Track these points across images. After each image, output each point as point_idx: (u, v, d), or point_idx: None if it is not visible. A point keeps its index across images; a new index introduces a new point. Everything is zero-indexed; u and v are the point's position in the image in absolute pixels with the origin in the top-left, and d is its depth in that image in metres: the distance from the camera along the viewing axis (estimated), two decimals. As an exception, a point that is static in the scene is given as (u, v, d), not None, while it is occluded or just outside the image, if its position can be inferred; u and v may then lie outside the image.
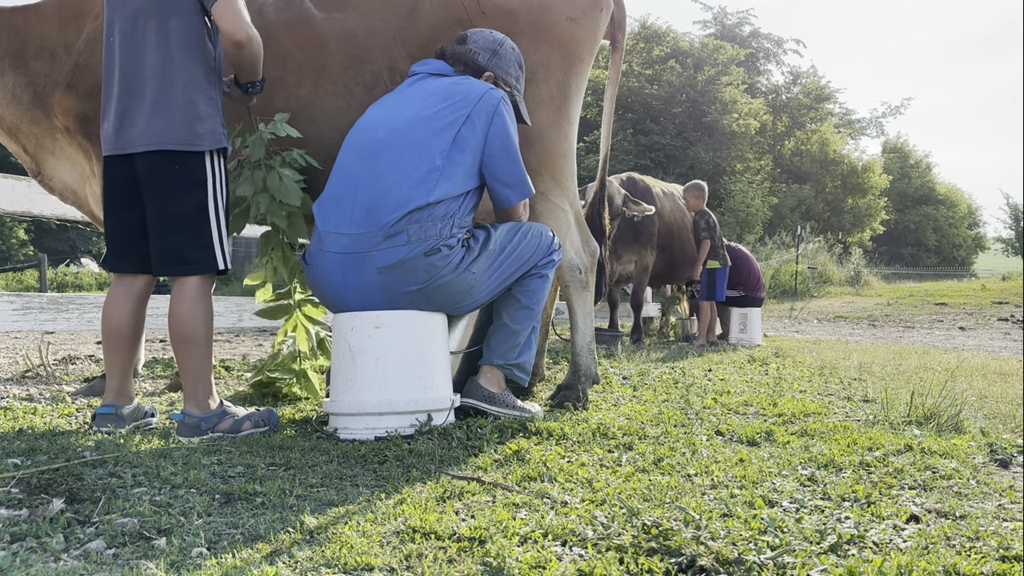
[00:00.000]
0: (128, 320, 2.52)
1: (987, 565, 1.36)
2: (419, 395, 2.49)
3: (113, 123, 2.42)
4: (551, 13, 3.08)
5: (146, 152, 2.38)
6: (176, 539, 1.44)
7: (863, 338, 9.07)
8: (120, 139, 2.41)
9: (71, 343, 6.84)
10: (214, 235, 2.46)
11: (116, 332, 2.52)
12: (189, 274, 2.45)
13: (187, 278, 2.45)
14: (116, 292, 2.53)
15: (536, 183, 2.96)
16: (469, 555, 1.39)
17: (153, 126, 2.37)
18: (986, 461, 2.19)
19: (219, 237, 2.48)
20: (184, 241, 2.43)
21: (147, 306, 2.62)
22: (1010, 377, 4.38)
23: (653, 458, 2.15)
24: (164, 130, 2.37)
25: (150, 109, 2.37)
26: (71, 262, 24.24)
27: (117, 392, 2.55)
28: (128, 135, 2.40)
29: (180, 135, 2.38)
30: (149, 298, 2.62)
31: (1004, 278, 22.44)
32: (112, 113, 2.43)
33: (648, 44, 25.90)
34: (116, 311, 2.52)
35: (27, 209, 4.01)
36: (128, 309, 2.52)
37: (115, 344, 2.52)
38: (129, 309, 2.52)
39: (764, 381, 4.12)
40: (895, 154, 35.08)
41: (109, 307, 2.52)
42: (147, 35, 2.39)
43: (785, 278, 18.99)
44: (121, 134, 2.41)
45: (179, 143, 2.38)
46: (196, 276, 2.45)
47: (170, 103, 2.37)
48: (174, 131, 2.37)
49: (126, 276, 2.53)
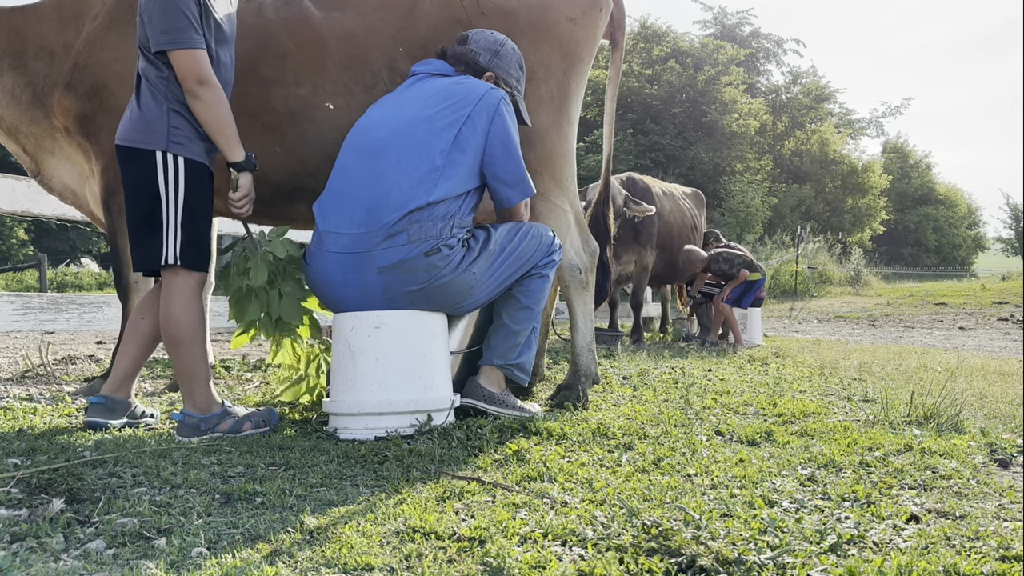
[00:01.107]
0: (155, 322, 2.54)
1: (987, 565, 1.36)
2: (419, 395, 2.49)
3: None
4: (551, 13, 3.08)
5: None
6: (176, 539, 1.44)
7: (863, 338, 9.07)
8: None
9: (71, 343, 6.84)
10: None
11: (150, 333, 2.57)
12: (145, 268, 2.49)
13: (171, 278, 2.44)
14: (183, 293, 2.47)
15: (536, 183, 2.96)
16: (469, 555, 1.39)
17: None
18: (986, 461, 2.19)
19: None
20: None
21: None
22: (1010, 377, 4.38)
23: (653, 458, 2.15)
24: None
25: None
26: (71, 262, 24.23)
27: (117, 386, 2.57)
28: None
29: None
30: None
31: (1004, 278, 22.46)
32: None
33: (648, 44, 25.90)
34: (154, 311, 2.54)
35: (27, 209, 4.01)
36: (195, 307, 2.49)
37: (138, 342, 2.57)
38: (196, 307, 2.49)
39: (764, 381, 4.12)
40: (895, 154, 35.11)
41: (164, 307, 2.47)
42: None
43: (785, 278, 19.00)
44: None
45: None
46: (180, 276, 2.44)
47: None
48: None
49: (195, 274, 2.49)
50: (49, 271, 17.65)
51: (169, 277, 2.45)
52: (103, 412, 2.53)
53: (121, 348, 2.60)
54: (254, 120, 2.91)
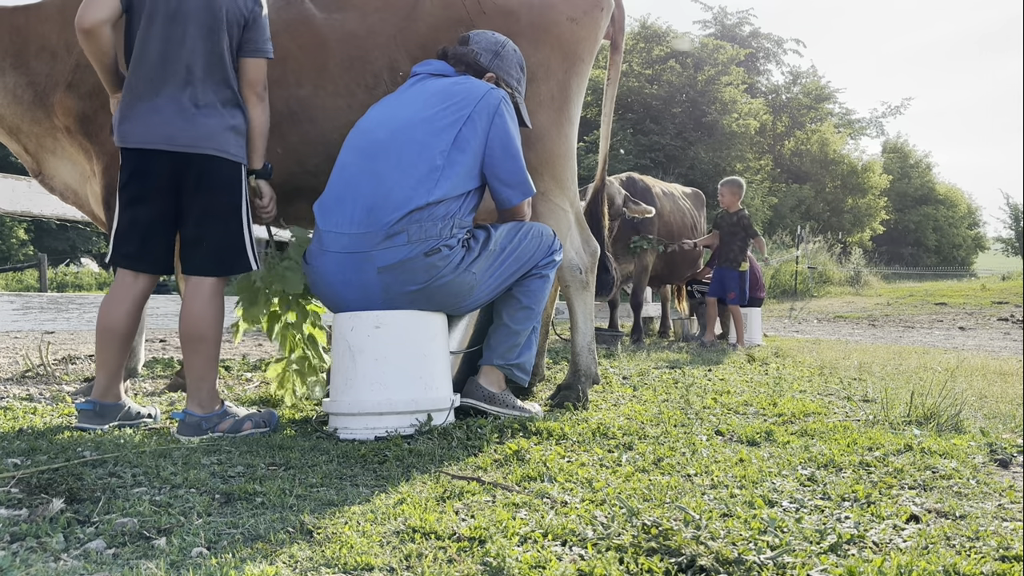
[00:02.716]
0: (124, 320, 2.52)
1: (987, 565, 1.36)
2: (419, 395, 2.49)
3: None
4: (552, 13, 3.08)
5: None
6: (176, 539, 1.44)
7: (863, 338, 9.07)
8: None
9: (71, 343, 6.84)
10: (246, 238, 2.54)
11: (112, 331, 2.52)
12: (222, 274, 2.51)
13: (204, 277, 2.47)
14: (117, 291, 2.53)
15: (536, 183, 2.96)
16: (469, 555, 1.39)
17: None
18: (986, 461, 2.19)
19: (249, 238, 2.56)
20: (223, 240, 2.50)
21: (143, 307, 2.62)
22: (1010, 377, 4.38)
23: (653, 458, 2.15)
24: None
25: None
26: (71, 262, 24.24)
27: (104, 390, 2.55)
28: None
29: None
30: (147, 300, 2.62)
31: (1004, 278, 22.47)
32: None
33: (648, 44, 25.89)
34: (115, 310, 2.52)
35: (27, 209, 4.01)
36: (125, 309, 2.52)
37: (109, 342, 2.53)
38: (126, 309, 2.52)
39: (764, 381, 4.12)
40: (895, 154, 35.12)
41: (108, 305, 2.53)
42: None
43: (785, 278, 18.99)
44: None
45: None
46: (214, 276, 2.48)
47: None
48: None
49: (128, 275, 2.53)
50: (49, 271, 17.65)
51: (200, 276, 2.49)
52: (92, 417, 2.51)
53: (99, 355, 2.56)
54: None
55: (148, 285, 2.56)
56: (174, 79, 2.42)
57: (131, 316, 2.52)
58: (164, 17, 2.43)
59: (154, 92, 2.42)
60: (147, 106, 2.42)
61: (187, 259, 2.51)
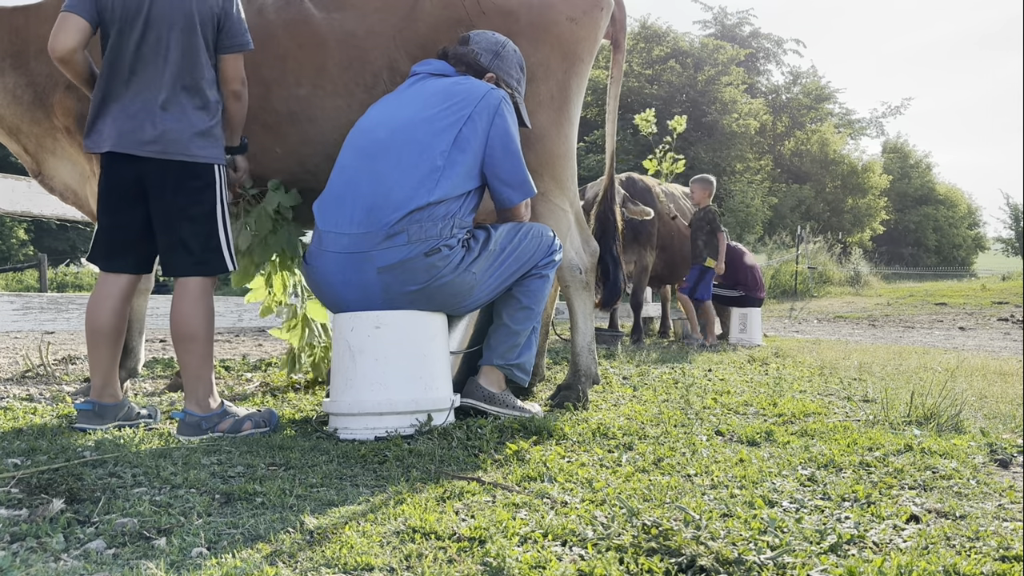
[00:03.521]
0: (110, 319, 2.52)
1: (987, 565, 1.36)
2: (419, 395, 2.49)
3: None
4: (551, 13, 3.08)
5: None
6: (176, 539, 1.44)
7: (863, 338, 9.07)
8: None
9: (71, 343, 6.84)
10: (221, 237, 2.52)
11: (100, 330, 2.53)
12: (201, 274, 2.49)
13: (190, 277, 2.46)
14: (100, 291, 2.54)
15: (536, 183, 2.96)
16: (469, 555, 1.39)
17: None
18: (986, 461, 2.19)
19: (226, 239, 2.54)
20: (196, 242, 2.49)
21: (129, 305, 2.62)
22: (1010, 377, 4.38)
23: (653, 458, 2.15)
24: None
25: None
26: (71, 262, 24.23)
27: (100, 390, 2.55)
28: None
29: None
30: (132, 297, 2.63)
31: (1004, 278, 22.45)
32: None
33: (648, 44, 25.90)
34: (100, 310, 2.53)
35: (27, 209, 4.01)
36: (111, 307, 2.53)
37: (99, 342, 2.54)
38: (111, 307, 2.53)
39: (764, 381, 4.12)
40: (895, 154, 35.10)
41: (93, 305, 2.54)
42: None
43: (785, 278, 18.99)
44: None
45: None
46: (195, 276, 2.47)
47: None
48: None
49: (111, 275, 2.54)
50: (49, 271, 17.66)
51: (187, 277, 2.49)
52: (91, 418, 2.52)
53: (91, 356, 2.56)
54: (254, 120, 2.91)
55: (130, 283, 2.57)
56: (145, 84, 2.43)
57: (117, 314, 2.53)
58: (134, 24, 2.43)
59: (126, 98, 2.43)
60: (119, 111, 2.43)
61: (166, 263, 2.53)
